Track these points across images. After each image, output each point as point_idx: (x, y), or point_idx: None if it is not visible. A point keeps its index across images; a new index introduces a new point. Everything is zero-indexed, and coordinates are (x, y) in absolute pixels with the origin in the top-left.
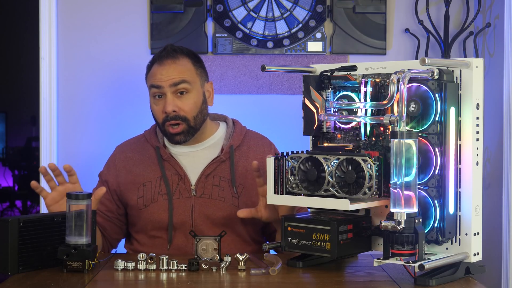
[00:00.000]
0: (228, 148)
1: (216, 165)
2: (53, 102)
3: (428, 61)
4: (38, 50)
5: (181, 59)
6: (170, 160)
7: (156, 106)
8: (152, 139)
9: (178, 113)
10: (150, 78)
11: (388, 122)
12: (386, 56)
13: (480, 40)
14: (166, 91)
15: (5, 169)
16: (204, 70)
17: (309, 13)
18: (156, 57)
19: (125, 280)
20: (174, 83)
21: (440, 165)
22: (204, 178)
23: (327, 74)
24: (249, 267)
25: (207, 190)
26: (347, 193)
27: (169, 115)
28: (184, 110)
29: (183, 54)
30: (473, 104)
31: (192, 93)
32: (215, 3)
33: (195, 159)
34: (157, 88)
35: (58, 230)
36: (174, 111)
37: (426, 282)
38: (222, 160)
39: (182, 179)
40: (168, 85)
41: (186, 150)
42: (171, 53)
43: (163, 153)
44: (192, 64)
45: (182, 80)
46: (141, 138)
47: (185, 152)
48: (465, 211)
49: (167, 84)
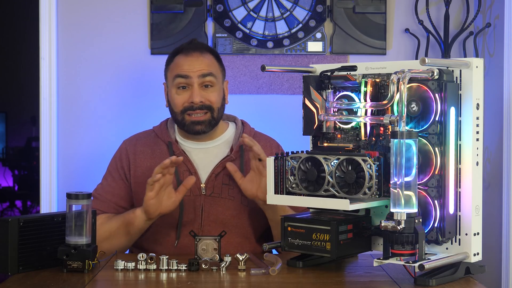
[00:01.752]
0: (238, 148)
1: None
2: (53, 102)
3: (428, 61)
4: (38, 50)
5: (207, 54)
6: (182, 156)
7: (178, 96)
8: (163, 134)
9: (204, 103)
10: (175, 68)
11: (388, 122)
12: (386, 56)
13: (480, 40)
14: (193, 82)
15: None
16: (224, 68)
17: (309, 13)
18: (182, 49)
19: (125, 280)
20: (202, 74)
21: (440, 165)
22: (214, 176)
23: (327, 74)
24: (249, 267)
25: (217, 188)
26: (347, 193)
27: (194, 105)
28: (211, 100)
29: (208, 50)
30: (473, 104)
31: (216, 87)
32: (215, 3)
33: (206, 156)
34: (183, 78)
35: (58, 230)
36: (201, 102)
37: (426, 282)
38: (232, 159)
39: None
40: (197, 76)
41: (198, 146)
42: (198, 46)
43: (176, 148)
44: (216, 61)
45: (210, 72)
46: (151, 133)
47: (197, 148)
48: (465, 211)
49: (195, 74)
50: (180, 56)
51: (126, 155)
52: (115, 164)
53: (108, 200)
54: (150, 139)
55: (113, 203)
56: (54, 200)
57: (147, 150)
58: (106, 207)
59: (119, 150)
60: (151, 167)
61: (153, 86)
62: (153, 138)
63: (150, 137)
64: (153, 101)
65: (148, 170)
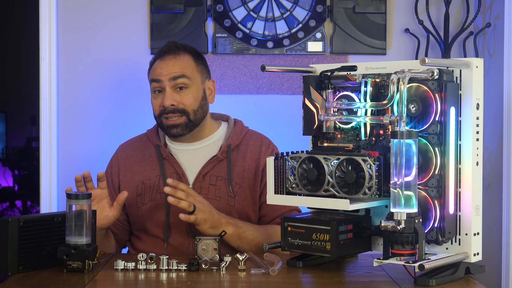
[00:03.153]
0: (226, 147)
1: (214, 164)
2: (53, 102)
3: (428, 61)
4: (38, 50)
5: (182, 55)
6: (170, 159)
7: (155, 100)
8: (153, 137)
9: (177, 106)
10: (151, 73)
11: (388, 122)
12: (386, 56)
13: (480, 40)
14: (165, 85)
15: (5, 169)
16: (205, 67)
17: (309, 13)
18: (158, 53)
19: (125, 280)
20: (173, 77)
21: (440, 165)
22: (201, 177)
23: (327, 74)
24: (249, 267)
25: (204, 189)
26: (347, 193)
27: (166, 109)
28: (184, 103)
29: (185, 50)
30: (473, 104)
31: (191, 89)
32: (215, 3)
33: (194, 157)
34: (156, 82)
35: (58, 230)
36: (173, 105)
37: (426, 282)
38: (219, 159)
39: (180, 178)
40: (168, 79)
41: (186, 148)
42: (172, 49)
43: (163, 151)
44: (193, 60)
45: (181, 74)
46: (144, 137)
47: (184, 150)
48: (465, 211)
49: (166, 78)
50: (157, 61)
51: (116, 161)
52: (108, 169)
53: None
54: (141, 143)
55: None
56: (54, 200)
57: (137, 154)
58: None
59: (113, 155)
60: (140, 171)
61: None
62: (144, 142)
63: (142, 141)
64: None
65: (137, 174)
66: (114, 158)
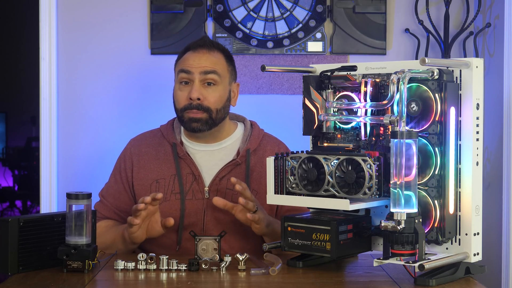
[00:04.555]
0: (245, 152)
1: (231, 168)
2: (53, 102)
3: (428, 61)
4: (38, 50)
5: (216, 51)
6: (186, 159)
7: (180, 92)
8: (169, 135)
9: (202, 102)
10: (181, 63)
11: (388, 122)
12: (386, 56)
13: (480, 40)
14: (195, 78)
15: (5, 169)
16: (234, 69)
17: (309, 13)
18: (192, 45)
19: (125, 280)
20: (204, 71)
21: (440, 165)
22: (218, 180)
23: (327, 74)
24: (249, 267)
25: (220, 193)
26: (347, 193)
27: (192, 103)
28: (209, 100)
29: (218, 48)
30: (473, 104)
31: (219, 87)
32: (215, 3)
33: (211, 158)
34: (186, 73)
35: (58, 230)
36: (199, 99)
37: (426, 282)
38: (237, 163)
39: (196, 180)
40: (198, 72)
41: (203, 148)
42: (207, 44)
43: (180, 150)
44: (225, 60)
45: (213, 70)
46: (157, 133)
47: (201, 151)
48: (465, 211)
49: (197, 70)
50: (189, 52)
51: (129, 156)
52: (119, 165)
53: (110, 204)
54: (155, 139)
55: (114, 207)
56: (54, 200)
57: (151, 151)
58: (107, 211)
59: (124, 150)
60: (154, 169)
61: (153, 86)
62: (158, 138)
63: (156, 137)
64: (153, 101)
65: (150, 172)
66: (126, 153)
